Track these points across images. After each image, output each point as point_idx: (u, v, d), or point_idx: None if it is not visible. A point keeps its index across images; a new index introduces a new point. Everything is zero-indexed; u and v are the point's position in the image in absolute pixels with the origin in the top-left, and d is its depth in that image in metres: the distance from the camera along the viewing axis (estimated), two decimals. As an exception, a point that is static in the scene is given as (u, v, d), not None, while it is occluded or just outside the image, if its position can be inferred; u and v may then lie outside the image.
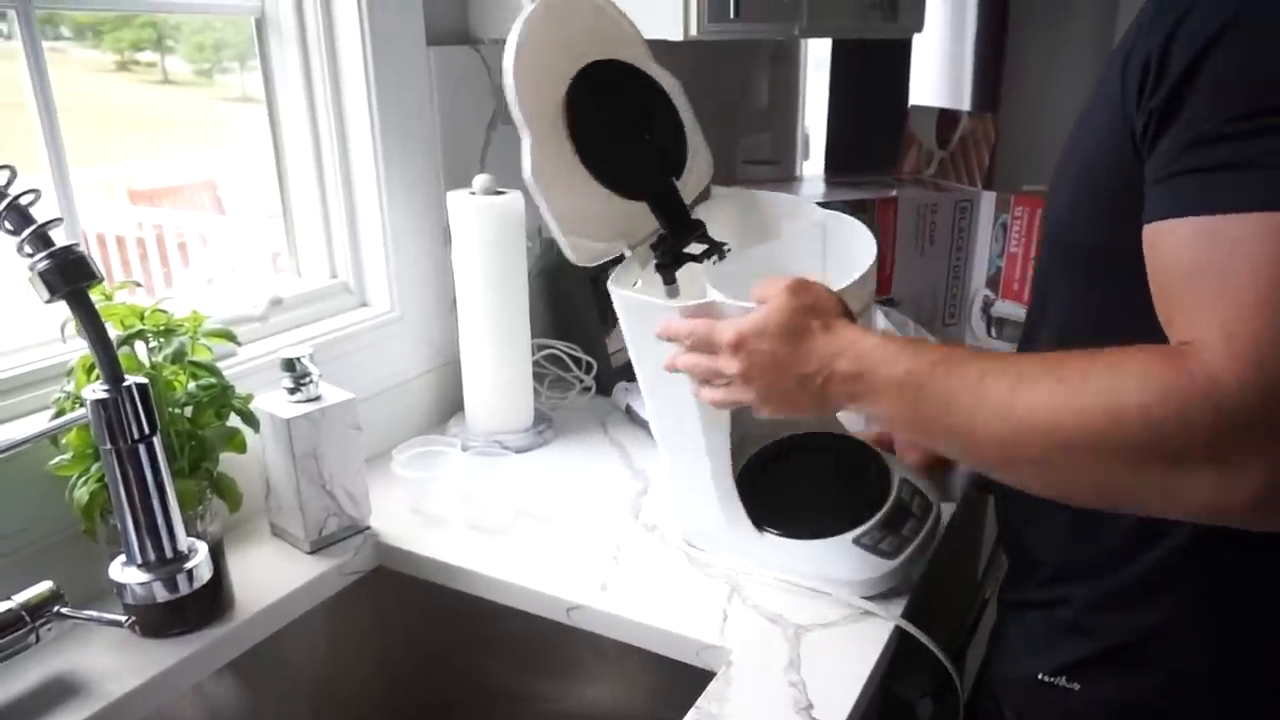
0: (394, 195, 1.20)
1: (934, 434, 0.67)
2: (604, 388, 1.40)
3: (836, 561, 0.90)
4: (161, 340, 0.79)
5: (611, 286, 0.89)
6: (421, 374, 1.28)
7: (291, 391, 0.97)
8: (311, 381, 0.98)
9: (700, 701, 0.76)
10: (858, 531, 0.91)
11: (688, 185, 0.94)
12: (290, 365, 0.97)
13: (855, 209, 1.40)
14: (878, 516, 0.92)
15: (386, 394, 1.23)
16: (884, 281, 1.46)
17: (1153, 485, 0.54)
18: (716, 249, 0.92)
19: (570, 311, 1.46)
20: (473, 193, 1.17)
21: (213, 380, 0.85)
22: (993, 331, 1.45)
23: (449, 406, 1.30)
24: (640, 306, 0.87)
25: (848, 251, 0.91)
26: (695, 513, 0.97)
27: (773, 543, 0.92)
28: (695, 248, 0.91)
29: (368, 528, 1.04)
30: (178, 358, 0.78)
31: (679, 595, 0.90)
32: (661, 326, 0.80)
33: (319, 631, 1.00)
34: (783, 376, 0.71)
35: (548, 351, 1.39)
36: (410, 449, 1.09)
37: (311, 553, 0.99)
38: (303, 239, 1.23)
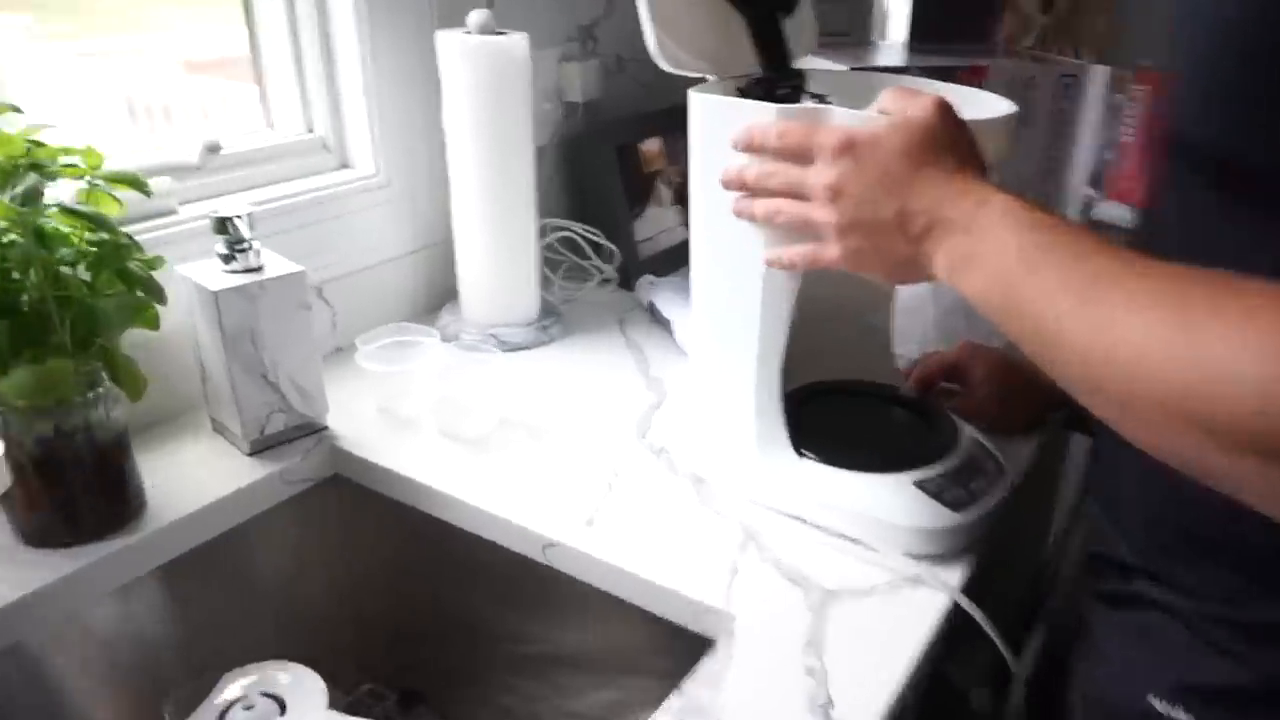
0: (379, 32, 1.00)
1: (1017, 329, 0.50)
2: (627, 281, 1.21)
3: (890, 502, 0.71)
4: (21, 173, 0.60)
5: (693, 92, 0.70)
6: (410, 252, 1.10)
7: (226, 259, 0.79)
8: (249, 248, 0.80)
9: (686, 683, 0.59)
10: (920, 473, 0.72)
11: (792, 44, 0.75)
12: (222, 226, 0.79)
13: (935, 79, 1.16)
14: (944, 462, 0.73)
15: (368, 273, 1.05)
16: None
17: (1251, 476, 0.40)
18: (818, 100, 0.72)
19: (593, 190, 1.25)
20: (467, 32, 0.97)
21: (104, 235, 0.67)
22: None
23: (442, 293, 1.12)
24: (725, 108, 0.67)
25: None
26: (719, 428, 0.78)
27: (812, 472, 0.73)
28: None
29: (323, 428, 0.87)
30: (29, 199, 0.60)
31: (680, 539, 0.73)
32: (747, 128, 0.63)
33: (260, 546, 0.85)
34: (882, 203, 0.56)
35: (562, 234, 1.20)
36: (381, 338, 0.92)
37: (251, 454, 0.83)
38: (273, 83, 1.03)
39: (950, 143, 0.57)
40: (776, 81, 0.73)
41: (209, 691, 0.74)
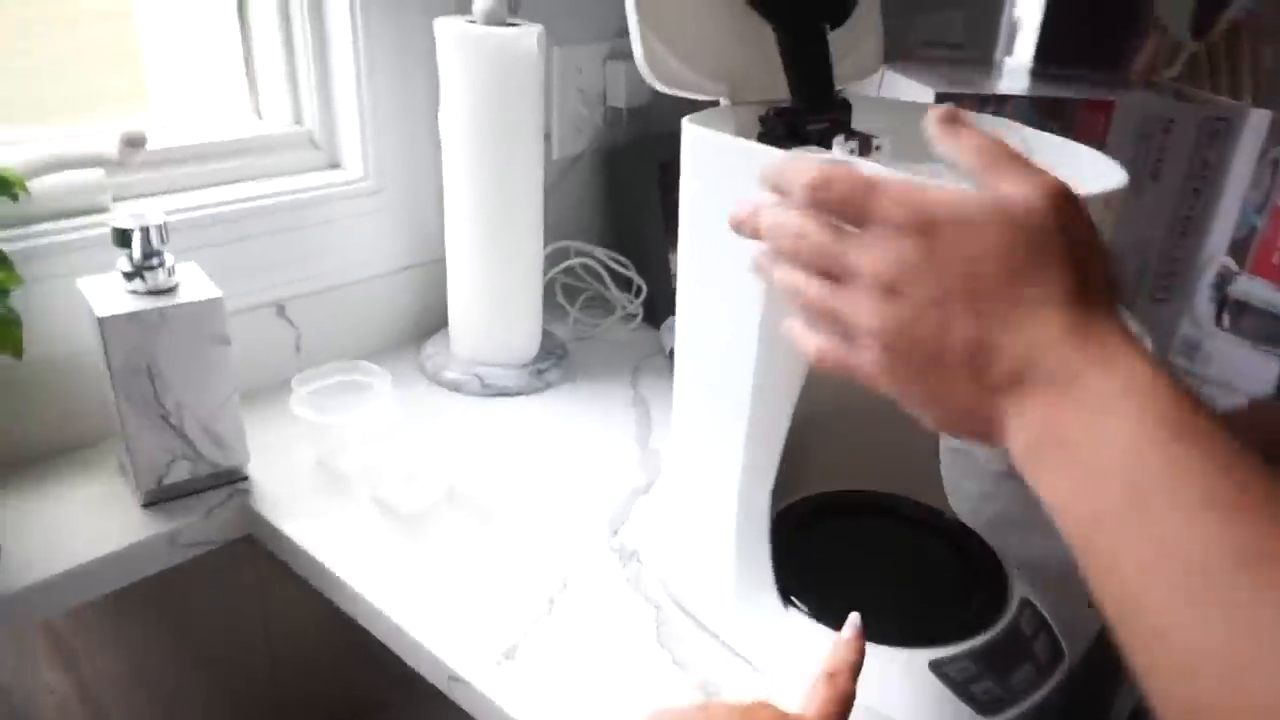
0: (378, 12, 0.85)
1: (1098, 576, 0.34)
2: (654, 318, 1.04)
3: (893, 691, 0.52)
4: None
5: (687, 122, 0.52)
6: (400, 269, 0.95)
7: (129, 277, 0.66)
8: (160, 265, 0.67)
9: None
10: (941, 652, 0.53)
11: (843, 61, 0.57)
12: (123, 239, 0.65)
13: (1046, 114, 0.95)
14: (978, 640, 0.54)
15: (347, 291, 0.91)
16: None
17: None
18: (860, 142, 0.53)
19: (628, 211, 1.09)
20: (471, 20, 0.81)
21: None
22: (1224, 319, 0.99)
23: (434, 319, 0.97)
24: (725, 149, 0.50)
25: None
26: (692, 549, 0.61)
27: (798, 628, 0.56)
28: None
29: (241, 479, 0.74)
30: None
31: (617, 693, 0.56)
32: (781, 160, 0.44)
33: (153, 612, 0.72)
34: (955, 322, 0.38)
35: (583, 260, 1.04)
36: (321, 378, 0.77)
37: (146, 505, 0.70)
38: (262, 68, 0.90)
39: (1071, 252, 0.38)
40: (808, 114, 0.55)
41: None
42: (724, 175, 0.50)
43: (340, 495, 0.73)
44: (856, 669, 0.44)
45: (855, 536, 0.64)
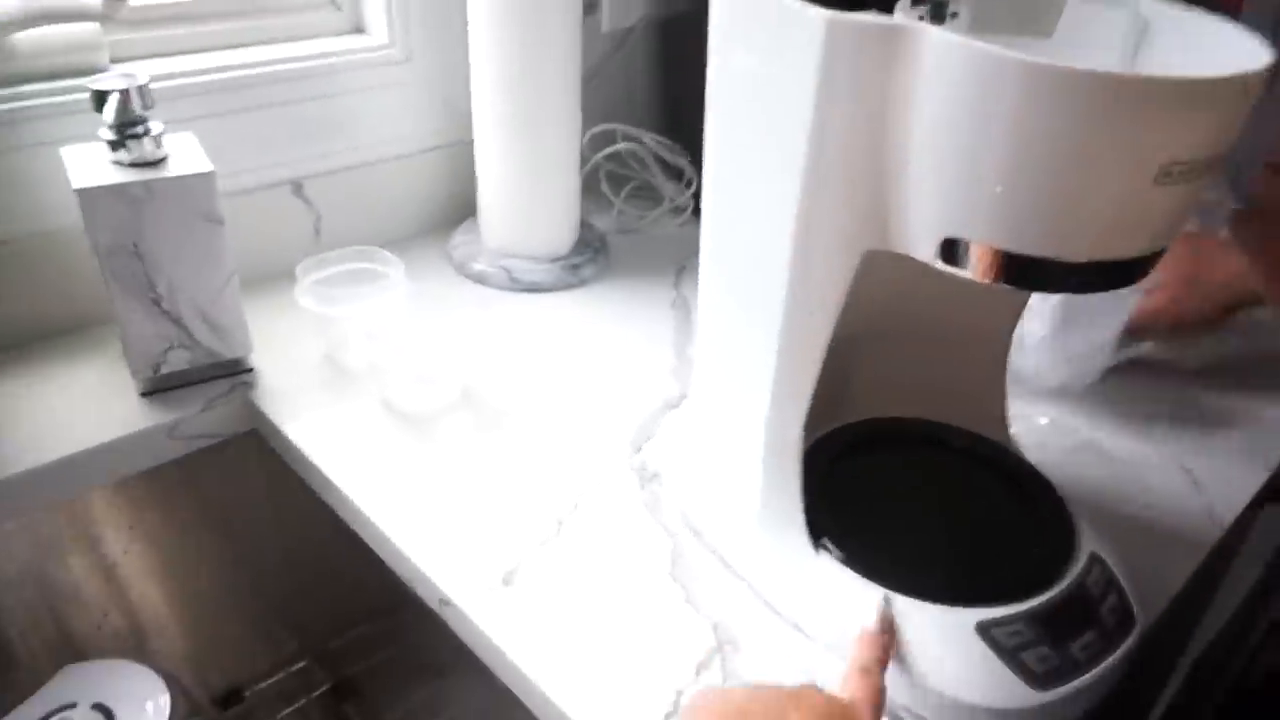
0: None
1: None
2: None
3: (933, 653, 0.46)
4: None
5: None
6: (428, 149, 0.88)
7: (113, 146, 0.60)
8: (146, 134, 0.60)
9: None
10: (991, 613, 0.46)
11: None
12: (101, 101, 0.59)
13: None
14: (1036, 601, 0.47)
15: (370, 170, 0.84)
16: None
17: None
18: (936, 3, 0.44)
19: (683, 94, 0.99)
20: None
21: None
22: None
23: (465, 205, 0.90)
24: (769, 9, 0.43)
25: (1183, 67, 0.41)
26: (716, 479, 0.55)
27: (828, 574, 0.49)
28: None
29: (244, 370, 0.69)
30: None
31: (622, 631, 0.50)
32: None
33: (155, 503, 0.69)
34: None
35: (630, 145, 0.95)
36: (329, 265, 0.71)
37: (145, 394, 0.66)
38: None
39: None
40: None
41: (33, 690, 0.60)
42: (762, 40, 0.41)
43: (346, 393, 0.68)
44: (885, 664, 0.43)
45: (902, 472, 0.56)
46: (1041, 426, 0.69)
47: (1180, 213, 0.39)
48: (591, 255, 0.85)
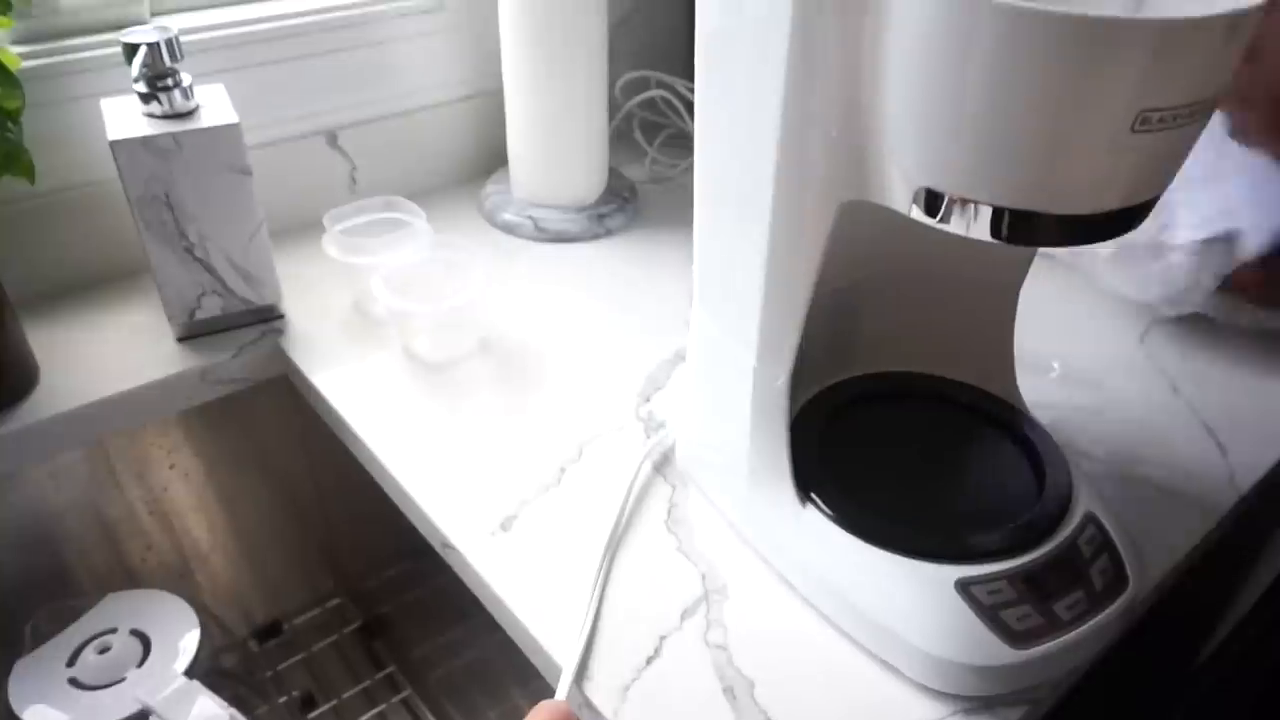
0: None
1: None
2: (741, 162, 0.94)
3: (911, 608, 0.46)
4: None
5: None
6: (461, 98, 0.89)
7: (145, 99, 0.63)
8: (176, 87, 0.63)
9: None
10: (974, 570, 0.46)
11: None
12: (133, 53, 0.61)
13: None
14: (1023, 559, 0.46)
15: (405, 120, 0.86)
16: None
17: None
18: None
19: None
20: None
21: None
22: None
23: (497, 154, 0.90)
24: None
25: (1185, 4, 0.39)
26: (708, 427, 0.56)
27: (815, 529, 0.49)
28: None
29: (276, 317, 0.71)
30: None
31: (616, 575, 0.52)
32: None
33: (190, 443, 0.72)
34: None
35: (664, 93, 0.94)
36: (356, 215, 0.73)
37: (181, 339, 0.69)
38: None
39: None
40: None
41: (79, 615, 0.64)
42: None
43: (370, 341, 0.70)
44: None
45: (903, 427, 0.56)
46: (1060, 379, 0.68)
47: (1168, 161, 0.38)
48: (620, 205, 0.85)
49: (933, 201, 0.39)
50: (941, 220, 0.39)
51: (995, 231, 0.39)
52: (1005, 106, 0.34)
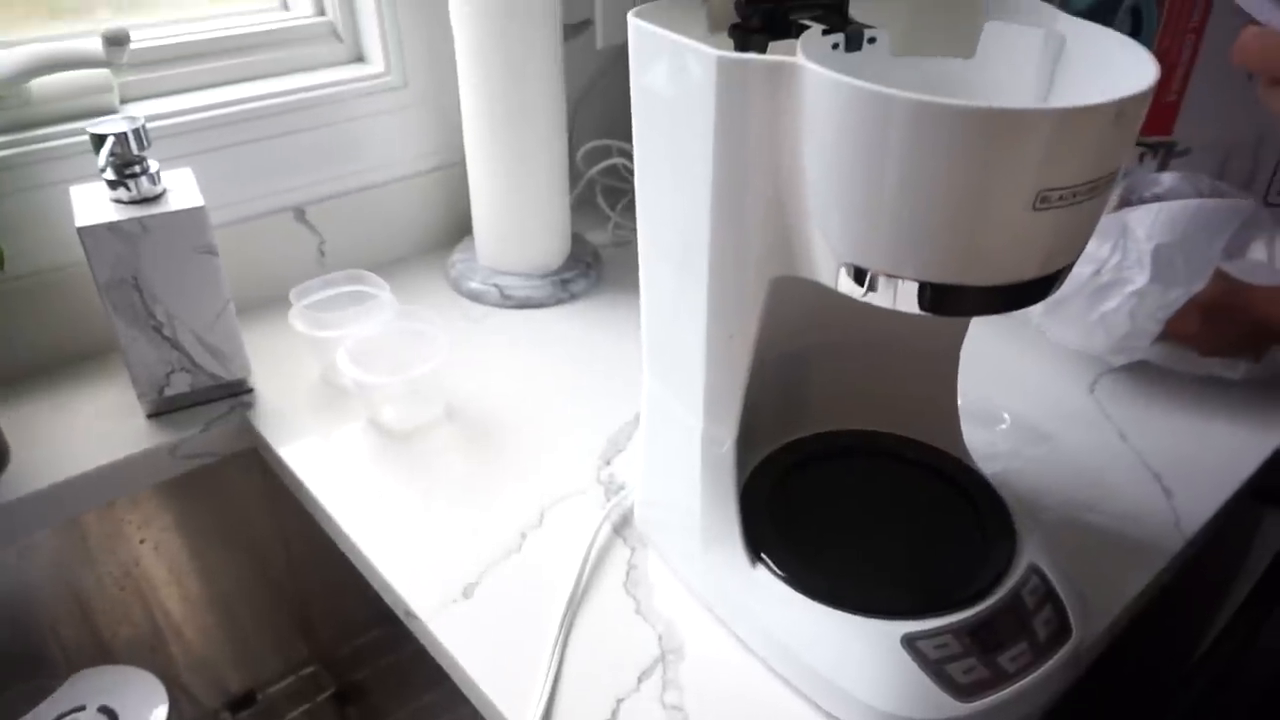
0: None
1: None
2: (702, 224, 0.97)
3: (859, 665, 0.47)
4: None
5: (632, 16, 0.46)
6: (427, 170, 0.91)
7: (113, 185, 0.65)
8: (143, 173, 0.65)
9: None
10: (920, 625, 0.47)
11: None
12: (100, 143, 0.63)
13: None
14: (968, 612, 0.48)
15: (372, 194, 0.88)
16: (1162, 115, 0.87)
17: None
18: (851, 32, 0.45)
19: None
20: (477, -103, 0.74)
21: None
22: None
23: (464, 223, 0.93)
24: (665, 47, 0.48)
25: (1093, 86, 0.42)
26: (662, 487, 0.57)
27: (766, 588, 0.51)
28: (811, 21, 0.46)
29: (245, 391, 0.73)
30: None
31: (575, 638, 0.53)
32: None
33: (160, 518, 0.73)
34: None
35: (625, 161, 0.97)
36: (320, 289, 0.75)
37: (151, 416, 0.70)
38: (283, -46, 0.86)
39: None
40: (790, 2, 0.47)
41: (48, 694, 0.64)
42: (671, 75, 0.43)
43: (336, 412, 0.71)
44: None
45: (853, 485, 0.57)
46: (1008, 431, 0.70)
47: (1073, 234, 0.40)
48: (583, 270, 0.87)
49: (860, 276, 0.41)
50: (869, 293, 0.42)
51: (921, 303, 0.41)
52: (917, 192, 0.37)
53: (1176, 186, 0.82)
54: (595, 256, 0.90)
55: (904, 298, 0.41)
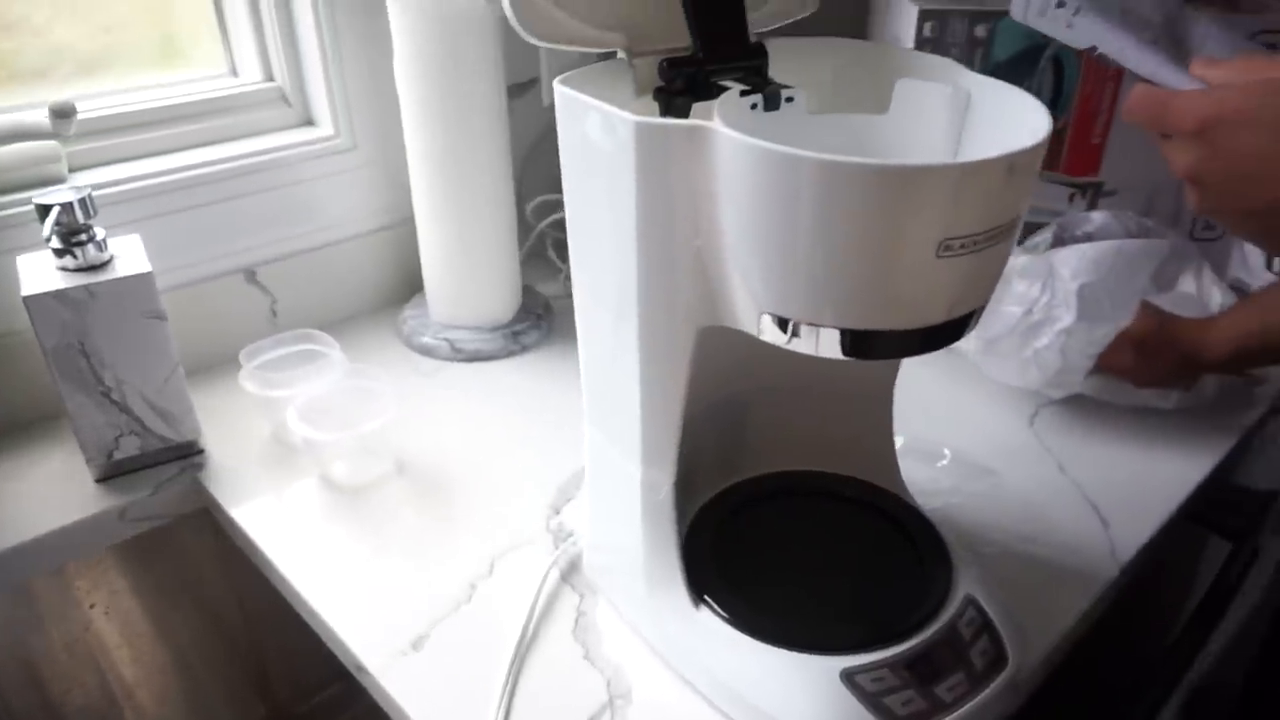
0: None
1: None
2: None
3: (803, 699, 0.48)
4: None
5: (558, 83, 0.47)
6: (377, 229, 0.93)
7: (59, 254, 0.65)
8: (89, 241, 0.65)
9: None
10: (857, 660, 0.49)
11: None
12: (45, 213, 0.64)
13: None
14: (905, 645, 0.49)
15: (323, 253, 0.89)
16: (1089, 156, 0.91)
17: None
18: (769, 93, 0.47)
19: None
20: (419, -35, 0.77)
21: None
22: (1277, 263, 0.88)
23: (414, 281, 0.94)
24: (589, 113, 0.48)
25: (996, 139, 0.44)
26: (608, 538, 0.58)
27: (709, 629, 0.52)
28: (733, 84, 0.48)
29: (196, 453, 0.73)
30: None
31: (525, 689, 0.53)
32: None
33: (131, 573, 0.73)
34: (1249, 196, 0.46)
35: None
36: (276, 348, 0.76)
37: (100, 480, 0.70)
38: (233, 21, 0.88)
39: None
40: (720, 61, 0.49)
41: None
42: (596, 138, 0.45)
43: (287, 470, 0.72)
44: None
45: (793, 524, 0.59)
46: (949, 467, 0.71)
47: (981, 278, 0.42)
48: (534, 322, 0.89)
49: (783, 324, 0.43)
50: (792, 341, 0.43)
51: (842, 348, 0.43)
52: (828, 244, 0.39)
53: (1106, 225, 0.85)
54: (546, 308, 0.92)
55: (826, 344, 0.43)
